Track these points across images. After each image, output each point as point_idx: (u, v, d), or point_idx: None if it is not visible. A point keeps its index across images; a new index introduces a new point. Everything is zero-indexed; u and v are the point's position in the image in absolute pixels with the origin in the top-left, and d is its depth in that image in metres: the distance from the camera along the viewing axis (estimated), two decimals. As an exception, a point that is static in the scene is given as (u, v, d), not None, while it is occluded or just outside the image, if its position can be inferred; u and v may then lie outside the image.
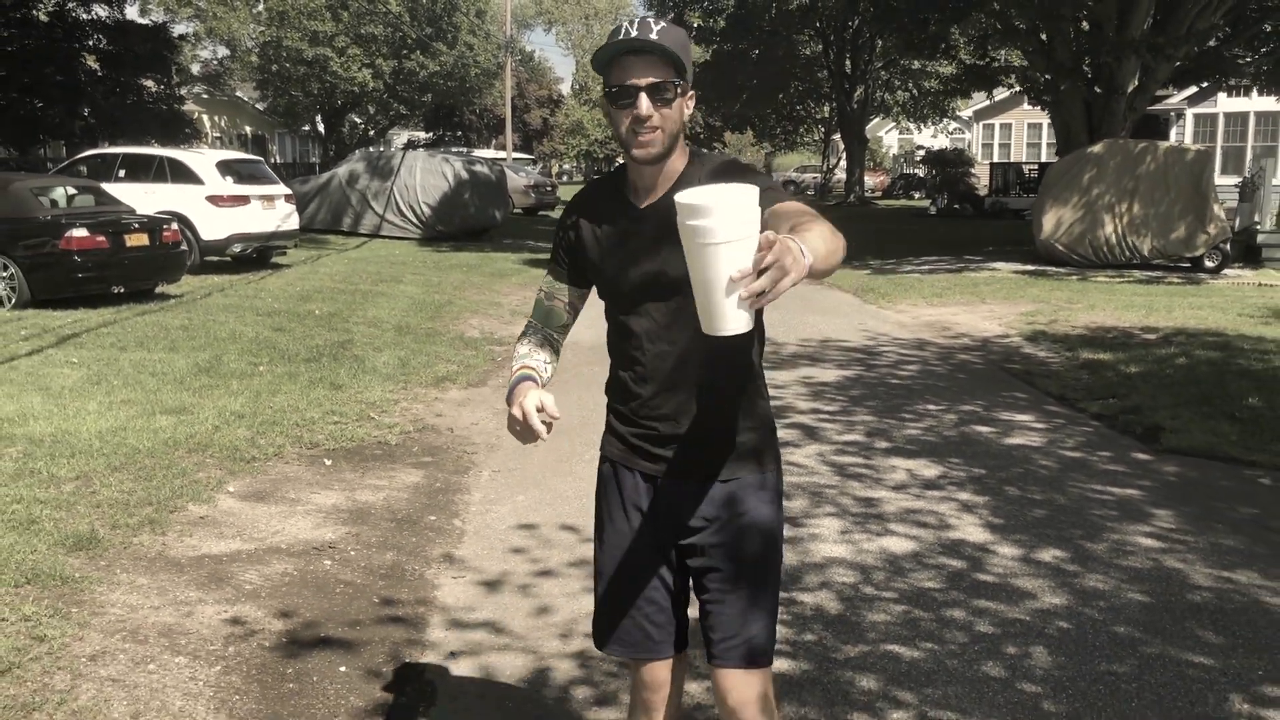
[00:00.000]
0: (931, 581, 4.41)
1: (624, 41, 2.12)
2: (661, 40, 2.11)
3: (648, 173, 2.22)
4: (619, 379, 2.33)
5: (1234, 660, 3.73)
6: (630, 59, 2.13)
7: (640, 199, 2.25)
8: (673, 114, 2.15)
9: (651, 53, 2.12)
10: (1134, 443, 6.75)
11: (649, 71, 2.12)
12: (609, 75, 2.16)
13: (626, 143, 2.17)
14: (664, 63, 2.13)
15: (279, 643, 3.83)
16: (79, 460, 5.79)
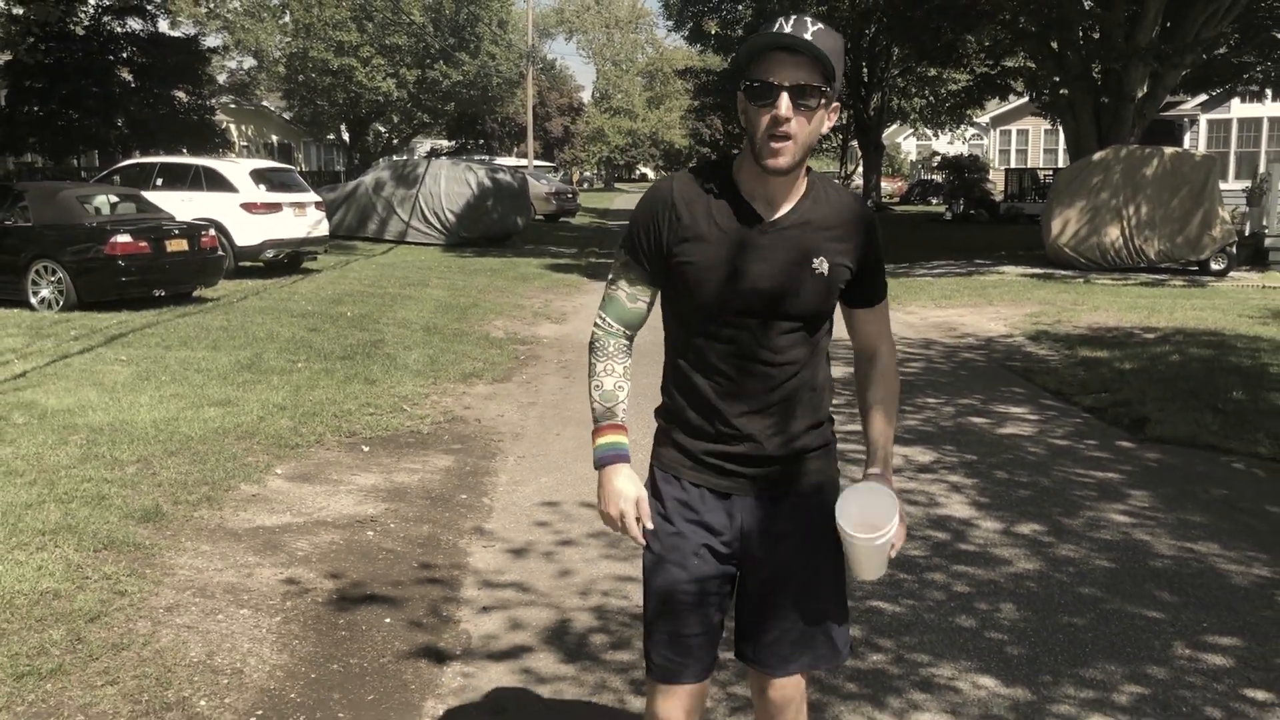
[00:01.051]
0: (916, 550, 4.86)
1: (775, 35, 1.99)
2: (816, 42, 1.99)
3: (773, 183, 2.12)
4: (697, 390, 2.22)
5: (1184, 615, 4.16)
6: (779, 55, 2.00)
7: (763, 208, 2.15)
8: (812, 125, 2.05)
9: (803, 53, 2.00)
10: (1121, 432, 7.17)
11: (796, 72, 2.00)
12: (752, 69, 2.04)
13: (760, 149, 2.05)
14: (813, 65, 2.01)
15: (330, 599, 4.32)
16: (138, 446, 6.30)
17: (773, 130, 2.01)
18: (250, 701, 3.48)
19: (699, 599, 2.23)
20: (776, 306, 2.14)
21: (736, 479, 2.22)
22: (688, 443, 2.24)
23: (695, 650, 2.26)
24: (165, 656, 3.72)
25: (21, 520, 4.94)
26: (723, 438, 2.21)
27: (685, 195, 2.17)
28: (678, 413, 2.26)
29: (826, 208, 2.17)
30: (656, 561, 2.26)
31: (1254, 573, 4.62)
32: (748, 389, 2.18)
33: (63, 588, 4.21)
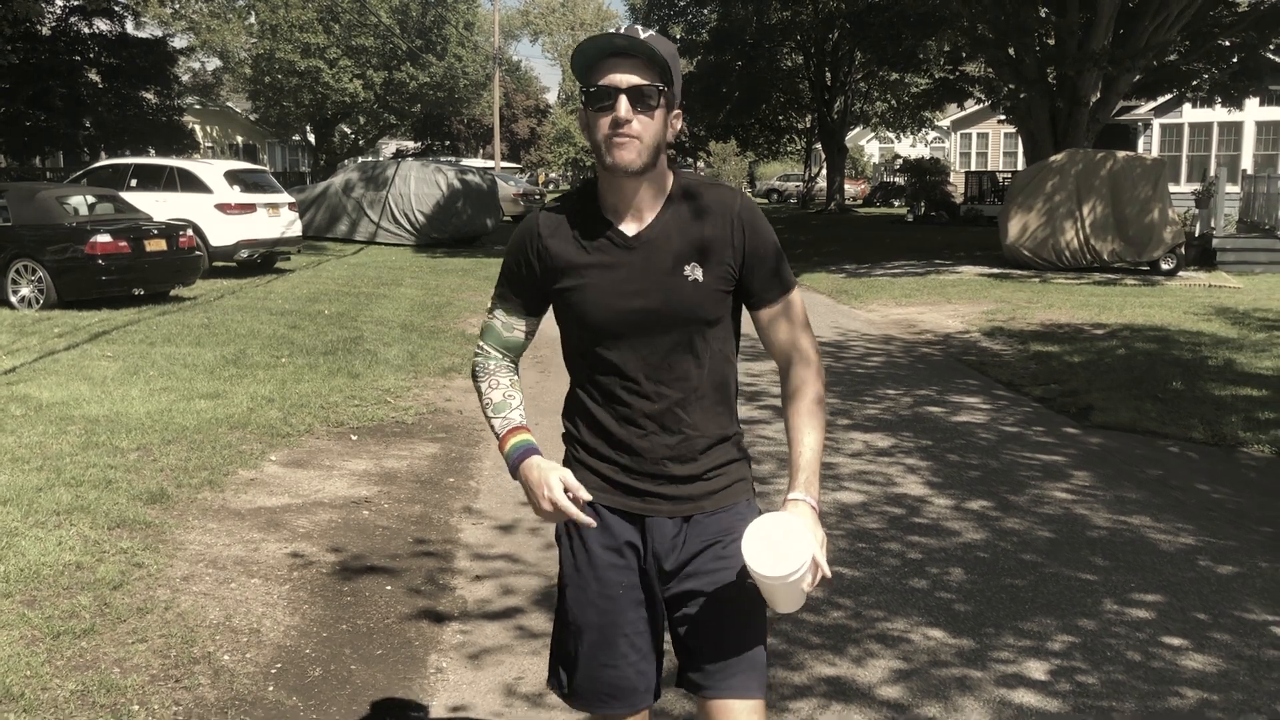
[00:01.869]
0: (874, 523, 5.27)
1: (606, 38, 2.00)
2: (648, 41, 2.00)
3: (628, 188, 2.07)
4: (595, 416, 2.17)
5: (1113, 577, 4.59)
6: (613, 60, 2.00)
7: (627, 224, 2.10)
8: (654, 123, 2.01)
9: (636, 55, 1.99)
10: (1067, 420, 7.63)
11: (632, 74, 1.99)
12: (589, 76, 2.03)
13: (602, 150, 2.02)
14: (649, 66, 2.00)
15: (333, 570, 4.66)
16: (135, 435, 6.59)
17: (614, 131, 1.98)
18: (269, 656, 3.82)
19: (619, 626, 2.15)
20: (656, 322, 2.07)
21: (647, 499, 2.14)
22: (596, 465, 2.17)
23: (623, 680, 2.17)
24: (187, 619, 4.05)
25: (35, 502, 5.23)
26: (627, 461, 2.14)
27: (549, 227, 2.13)
28: (582, 438, 2.20)
29: (694, 210, 2.10)
30: (574, 590, 2.19)
31: (1180, 541, 5.06)
32: (644, 409, 2.11)
33: (84, 560, 4.52)
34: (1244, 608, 4.26)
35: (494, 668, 3.77)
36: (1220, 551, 4.92)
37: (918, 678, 3.66)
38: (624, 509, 2.16)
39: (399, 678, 3.72)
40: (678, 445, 2.13)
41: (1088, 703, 3.48)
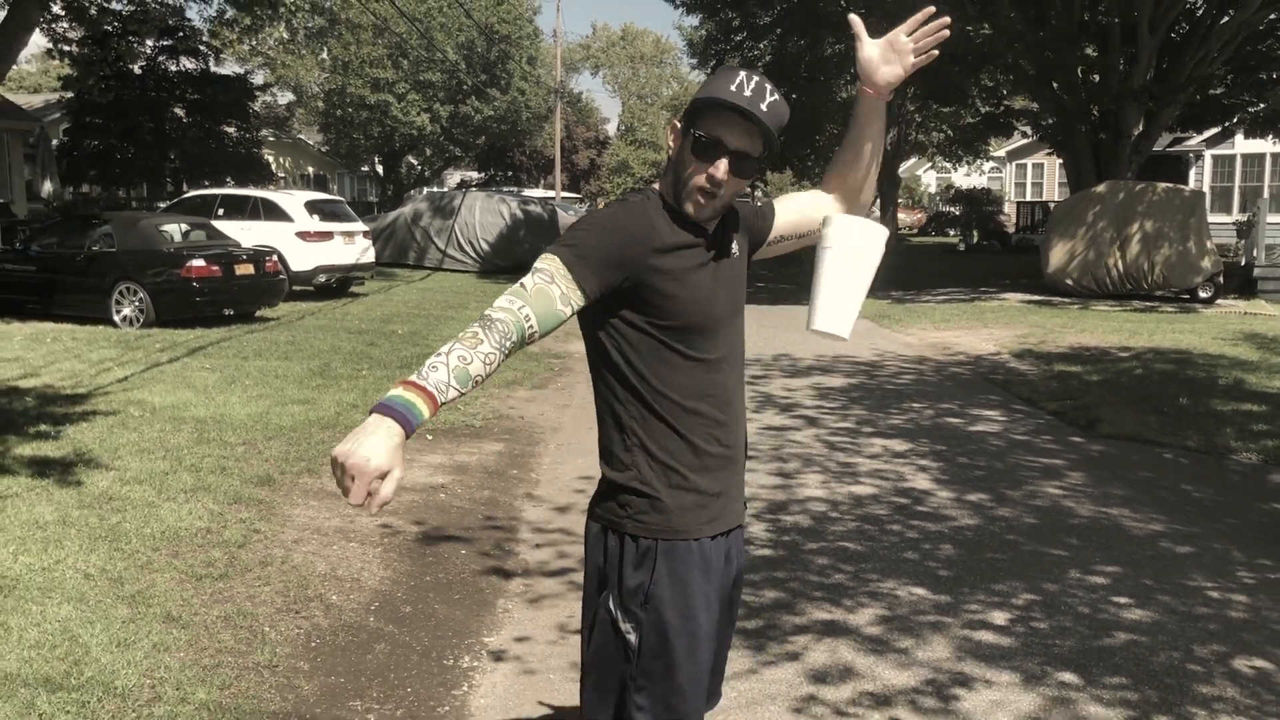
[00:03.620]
0: (881, 510, 6.04)
1: (736, 98, 2.05)
2: (770, 113, 2.06)
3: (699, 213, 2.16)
4: (698, 430, 2.13)
5: (1082, 553, 5.32)
6: (733, 116, 2.06)
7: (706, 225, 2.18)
8: (738, 186, 2.11)
9: (755, 123, 2.06)
10: (1075, 430, 8.31)
11: (742, 139, 2.07)
12: (702, 121, 2.08)
13: (686, 195, 2.09)
14: (759, 137, 2.08)
15: (417, 537, 5.54)
16: (240, 432, 7.56)
17: (706, 186, 2.07)
18: (369, 597, 4.70)
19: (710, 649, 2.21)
20: (737, 311, 2.22)
21: (726, 516, 2.18)
22: (705, 485, 2.13)
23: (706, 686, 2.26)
24: (300, 570, 4.95)
25: (164, 482, 6.19)
26: (723, 473, 2.16)
27: (659, 216, 2.12)
28: (679, 461, 2.12)
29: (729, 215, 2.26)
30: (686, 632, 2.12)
31: (1150, 528, 5.77)
32: (737, 394, 2.21)
33: (212, 526, 5.45)
34: (1188, 577, 4.98)
35: (550, 610, 4.61)
36: (1183, 537, 5.62)
37: (898, 621, 4.44)
38: (724, 529, 2.17)
39: (473, 615, 4.57)
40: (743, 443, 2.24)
41: (1035, 641, 4.24)
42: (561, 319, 2.02)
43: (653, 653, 2.11)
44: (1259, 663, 4.05)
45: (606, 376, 2.15)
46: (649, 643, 2.11)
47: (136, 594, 4.49)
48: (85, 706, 3.51)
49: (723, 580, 2.20)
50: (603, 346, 2.13)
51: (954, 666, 4.00)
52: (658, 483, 2.10)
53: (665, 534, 2.10)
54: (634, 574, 2.11)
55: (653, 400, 2.11)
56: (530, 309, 1.97)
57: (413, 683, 3.92)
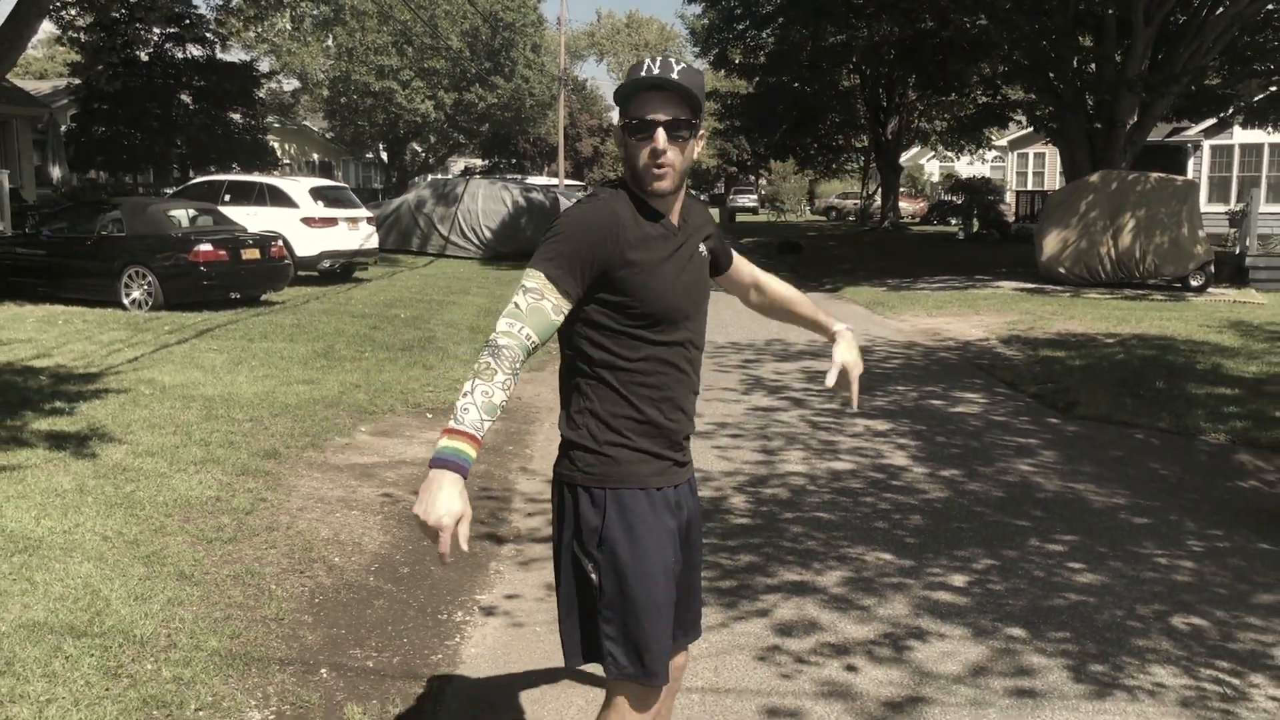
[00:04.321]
0: (857, 483, 6.34)
1: (646, 78, 2.25)
2: (682, 80, 2.25)
3: (661, 203, 2.36)
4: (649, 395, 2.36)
5: (1044, 524, 5.62)
6: (651, 94, 2.26)
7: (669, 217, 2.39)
8: (686, 153, 2.30)
9: (672, 90, 2.25)
10: (1053, 412, 8.61)
11: (668, 108, 2.26)
12: (629, 108, 2.29)
13: (643, 176, 2.29)
14: (682, 102, 2.26)
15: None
16: (247, 409, 7.87)
17: (653, 161, 2.28)
18: (369, 559, 5.01)
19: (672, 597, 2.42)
20: (703, 301, 2.44)
21: (680, 468, 2.44)
22: (649, 447, 2.37)
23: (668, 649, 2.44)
24: (305, 535, 5.26)
25: (175, 455, 6.50)
26: (676, 438, 2.40)
27: (625, 214, 2.32)
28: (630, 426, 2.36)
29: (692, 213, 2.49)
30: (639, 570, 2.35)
31: (1113, 502, 6.07)
32: (689, 382, 2.44)
33: (221, 495, 5.76)
34: (1141, 546, 5.28)
35: (539, 571, 4.92)
36: (1142, 510, 5.92)
37: (863, 583, 4.75)
38: (673, 481, 2.41)
39: (467, 576, 4.89)
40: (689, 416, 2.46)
41: (989, 601, 4.54)
42: (556, 326, 2.29)
43: (613, 589, 2.36)
44: (1195, 620, 4.35)
45: (572, 349, 2.41)
46: (608, 580, 2.35)
47: (151, 554, 4.80)
48: (107, 651, 3.82)
49: (676, 524, 2.43)
50: (572, 323, 2.36)
51: (911, 622, 4.31)
52: (603, 440, 2.36)
53: (613, 483, 2.35)
54: (590, 520, 2.37)
55: (608, 374, 2.35)
56: (529, 328, 2.24)
57: (409, 634, 4.24)
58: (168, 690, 3.59)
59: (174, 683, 3.65)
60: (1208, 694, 3.71)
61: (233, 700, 3.59)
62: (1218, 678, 3.83)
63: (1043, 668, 3.91)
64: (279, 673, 3.82)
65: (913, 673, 3.87)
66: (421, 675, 3.89)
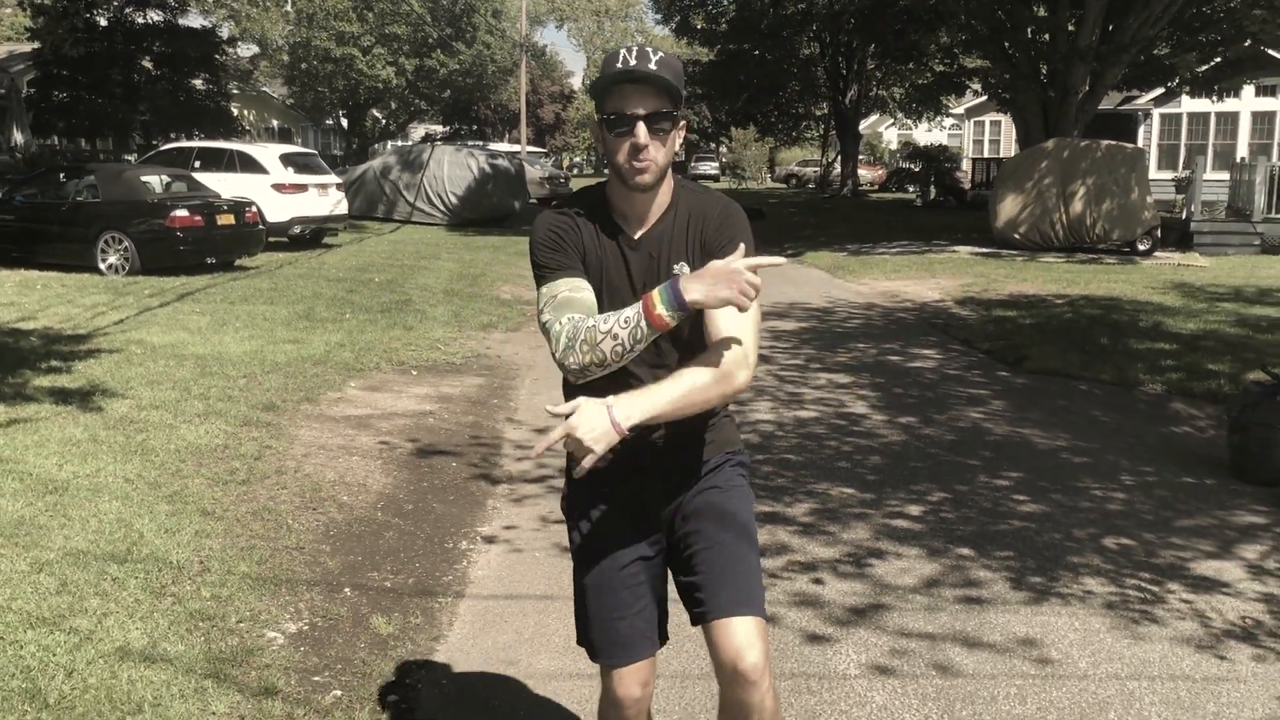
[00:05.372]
0: (821, 429, 6.83)
1: (623, 71, 2.16)
2: (660, 71, 2.16)
3: (640, 201, 2.28)
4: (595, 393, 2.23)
5: (992, 463, 6.14)
6: (628, 88, 2.17)
7: (633, 228, 2.30)
8: (667, 146, 2.22)
9: (650, 83, 2.17)
10: (1004, 366, 9.15)
11: (647, 101, 2.17)
12: (606, 102, 2.21)
13: (623, 171, 2.21)
14: (661, 93, 2.18)
15: (413, 452, 6.26)
16: (240, 367, 8.21)
17: (634, 156, 2.20)
18: (374, 498, 5.43)
19: (625, 580, 2.36)
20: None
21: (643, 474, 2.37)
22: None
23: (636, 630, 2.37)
24: (312, 477, 5.66)
25: (179, 408, 6.86)
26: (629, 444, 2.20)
27: (570, 219, 2.32)
28: None
29: (688, 215, 2.32)
30: (583, 548, 2.41)
31: (1055, 444, 6.60)
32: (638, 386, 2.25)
33: (228, 443, 6.14)
34: (1080, 481, 5.81)
35: (532, 506, 5.37)
36: (1082, 450, 6.46)
37: (828, 513, 5.23)
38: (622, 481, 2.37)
39: (467, 511, 5.32)
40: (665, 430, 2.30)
41: (942, 527, 5.05)
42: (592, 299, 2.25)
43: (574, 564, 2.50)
44: (1124, 540, 4.88)
45: None
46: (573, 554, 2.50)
47: (174, 494, 5.19)
48: (148, 575, 4.22)
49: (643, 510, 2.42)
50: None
51: (871, 544, 4.80)
52: None
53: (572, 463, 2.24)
54: (567, 486, 2.52)
55: None
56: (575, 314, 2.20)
57: (420, 560, 4.67)
58: (209, 606, 4.00)
59: (213, 600, 4.06)
60: (1130, 599, 4.23)
61: (268, 614, 4.01)
62: (1140, 586, 4.36)
63: (988, 580, 4.42)
64: (307, 591, 4.24)
65: (873, 585, 4.36)
66: (435, 593, 4.33)
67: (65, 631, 3.67)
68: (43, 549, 4.38)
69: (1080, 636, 3.90)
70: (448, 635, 3.96)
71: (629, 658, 2.35)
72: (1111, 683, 3.57)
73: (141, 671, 3.45)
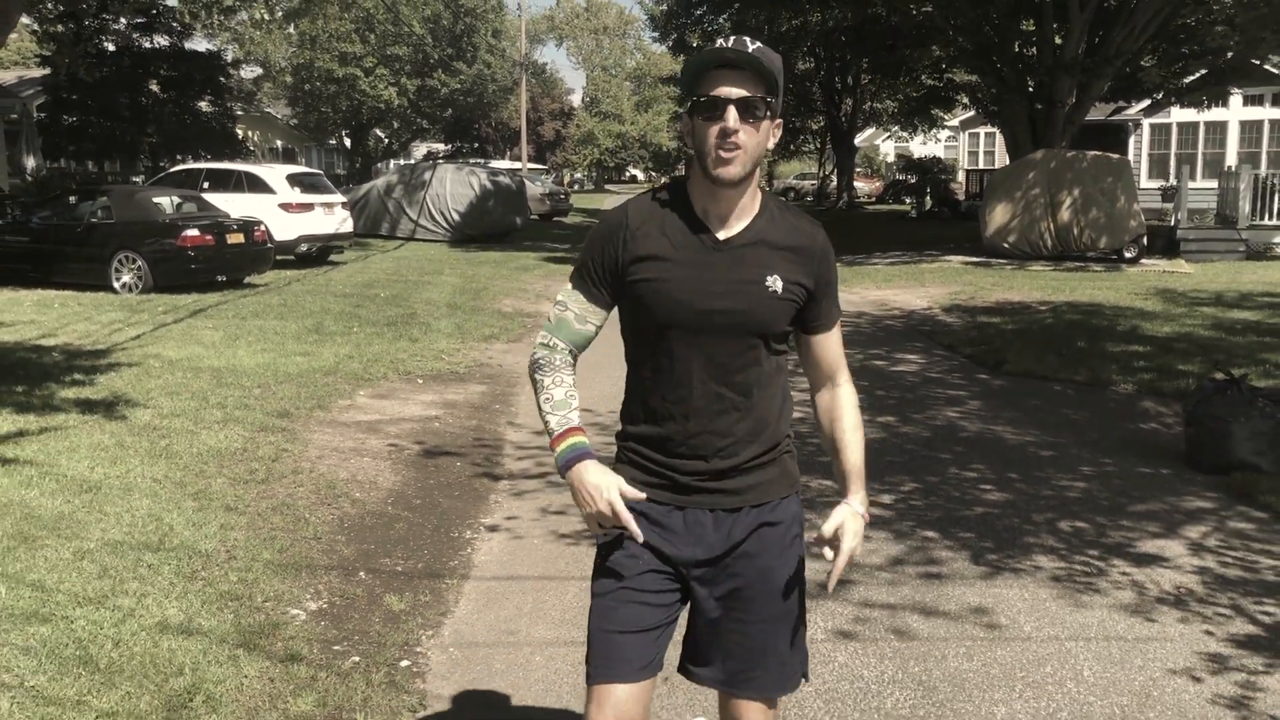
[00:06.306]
0: (805, 429, 7.21)
1: (718, 51, 2.06)
2: (758, 55, 2.05)
3: (724, 198, 2.15)
4: (656, 407, 2.23)
5: (963, 457, 6.54)
6: (724, 72, 2.06)
7: (719, 228, 2.17)
8: (759, 136, 2.08)
9: (746, 68, 2.06)
10: (983, 369, 9.55)
11: (741, 86, 2.05)
12: (697, 86, 2.09)
13: (709, 160, 2.08)
14: (757, 79, 2.06)
15: (420, 453, 6.67)
16: (253, 378, 8.64)
17: (722, 141, 2.06)
18: (385, 494, 5.84)
19: (634, 595, 2.22)
20: (733, 326, 2.15)
21: (690, 494, 2.22)
22: (643, 456, 2.26)
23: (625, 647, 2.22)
24: (326, 476, 6.07)
25: (198, 416, 7.28)
26: (677, 454, 2.21)
27: (640, 217, 2.20)
28: (635, 431, 2.28)
29: (781, 228, 2.20)
30: (602, 564, 2.28)
31: (1025, 439, 7.01)
32: (703, 406, 2.18)
33: (247, 446, 6.55)
34: (1044, 472, 6.21)
35: (531, 499, 5.78)
36: (1050, 445, 6.86)
37: (805, 503, 5.60)
38: (666, 500, 2.24)
39: (471, 505, 5.73)
40: (727, 446, 2.20)
41: (910, 513, 5.45)
42: (588, 333, 2.29)
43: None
44: (1078, 524, 5.28)
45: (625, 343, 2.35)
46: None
47: (198, 492, 5.60)
48: (180, 561, 4.63)
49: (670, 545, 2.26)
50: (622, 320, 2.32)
51: (844, 529, 5.20)
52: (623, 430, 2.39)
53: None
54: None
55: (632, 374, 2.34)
56: (558, 337, 2.29)
57: (428, 547, 5.08)
58: (237, 588, 4.40)
59: (240, 583, 4.46)
60: (1076, 573, 4.63)
61: (290, 594, 4.42)
62: (1087, 562, 4.76)
63: (948, 559, 4.82)
64: (325, 575, 4.65)
65: (843, 564, 4.76)
66: (442, 575, 4.74)
67: (110, 609, 4.08)
68: (83, 540, 4.79)
69: (1028, 605, 4.30)
70: (454, 611, 4.36)
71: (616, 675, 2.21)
72: (1051, 643, 3.97)
73: (180, 642, 3.85)
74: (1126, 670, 3.76)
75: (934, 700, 3.57)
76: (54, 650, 3.69)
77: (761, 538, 2.25)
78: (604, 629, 2.23)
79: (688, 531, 2.24)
